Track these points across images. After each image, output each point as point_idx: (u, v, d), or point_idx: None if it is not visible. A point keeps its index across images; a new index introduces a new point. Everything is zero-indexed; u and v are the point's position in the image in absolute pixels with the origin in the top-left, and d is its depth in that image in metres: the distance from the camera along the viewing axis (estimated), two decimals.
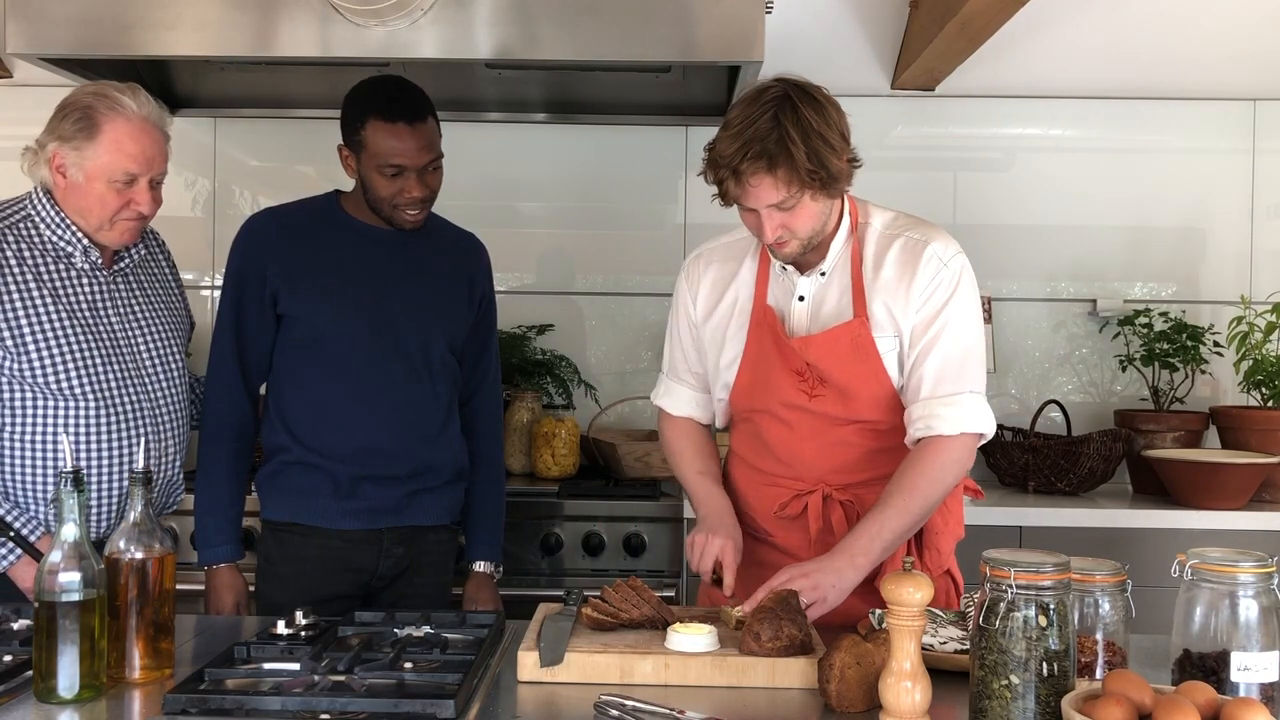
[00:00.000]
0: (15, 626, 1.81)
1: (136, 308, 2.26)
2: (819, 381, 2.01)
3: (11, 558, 2.06)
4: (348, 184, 2.44)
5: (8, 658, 1.66)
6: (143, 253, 2.30)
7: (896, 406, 2.01)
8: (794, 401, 2.03)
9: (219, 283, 3.62)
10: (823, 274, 2.02)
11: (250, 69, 3.20)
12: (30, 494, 2.13)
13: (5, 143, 3.67)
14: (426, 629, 1.82)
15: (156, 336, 2.27)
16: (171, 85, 3.35)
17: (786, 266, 2.03)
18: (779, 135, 1.81)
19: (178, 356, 2.31)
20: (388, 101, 2.27)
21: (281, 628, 1.74)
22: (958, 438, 1.95)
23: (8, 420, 2.11)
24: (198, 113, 3.52)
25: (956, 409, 1.95)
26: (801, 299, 2.03)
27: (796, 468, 2.06)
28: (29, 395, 2.10)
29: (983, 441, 2.01)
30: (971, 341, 1.99)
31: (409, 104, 2.28)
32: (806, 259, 2.01)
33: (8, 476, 2.13)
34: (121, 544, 1.62)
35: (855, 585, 1.87)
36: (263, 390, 2.46)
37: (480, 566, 2.51)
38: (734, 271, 2.11)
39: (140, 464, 1.67)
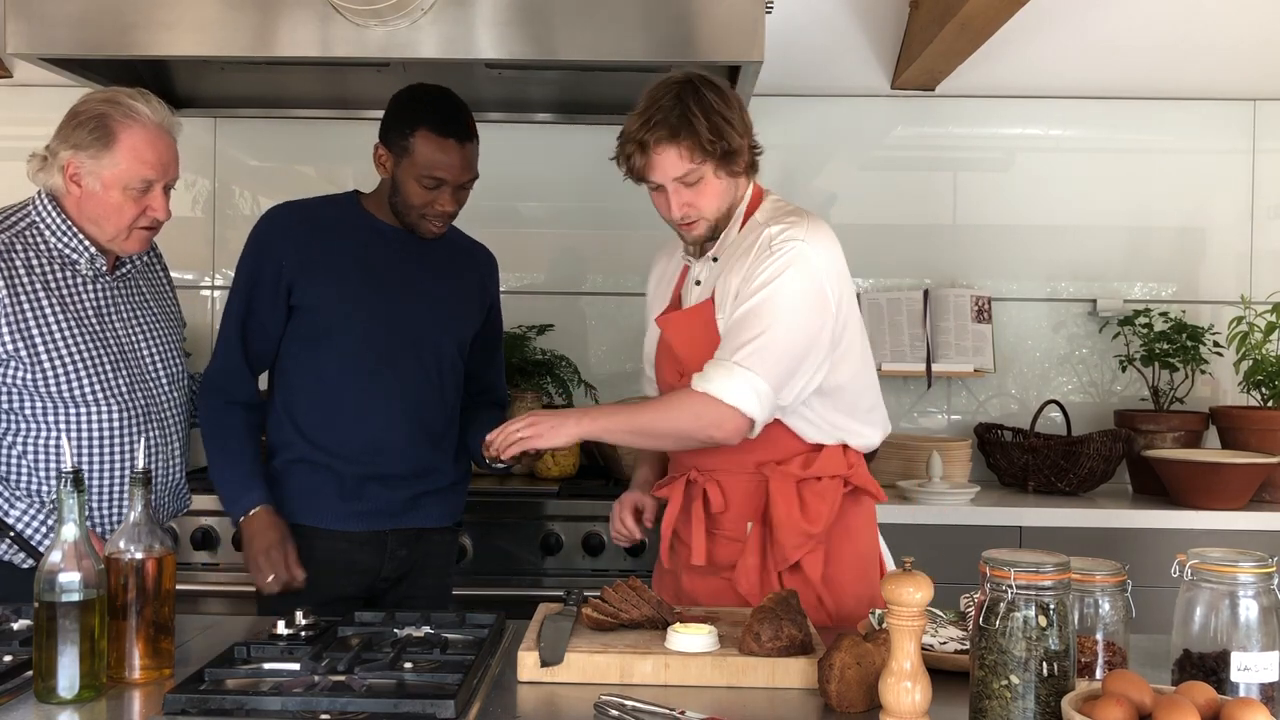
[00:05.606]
0: (15, 626, 1.81)
1: (139, 313, 2.25)
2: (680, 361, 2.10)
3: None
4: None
5: (8, 658, 1.66)
6: (144, 258, 2.30)
7: None
8: (672, 384, 2.11)
9: (219, 282, 3.65)
10: (714, 259, 2.10)
11: (250, 69, 3.19)
12: (44, 501, 2.12)
13: (5, 143, 3.69)
14: (426, 629, 1.82)
15: (159, 341, 2.27)
16: (171, 85, 3.35)
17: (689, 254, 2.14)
18: (681, 110, 1.94)
19: (179, 360, 2.31)
20: (442, 117, 2.29)
21: (281, 628, 1.74)
22: (700, 395, 1.93)
23: (22, 428, 2.11)
24: (198, 113, 3.52)
25: (715, 369, 1.93)
26: (698, 283, 2.12)
27: (676, 454, 2.16)
28: (40, 405, 2.09)
29: (743, 425, 1.93)
30: (774, 326, 1.92)
31: (462, 123, 2.31)
32: (709, 246, 2.10)
33: (23, 484, 2.12)
34: (121, 544, 1.62)
35: (570, 439, 1.96)
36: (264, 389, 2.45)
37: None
38: (672, 262, 2.24)
39: (140, 464, 1.67)
